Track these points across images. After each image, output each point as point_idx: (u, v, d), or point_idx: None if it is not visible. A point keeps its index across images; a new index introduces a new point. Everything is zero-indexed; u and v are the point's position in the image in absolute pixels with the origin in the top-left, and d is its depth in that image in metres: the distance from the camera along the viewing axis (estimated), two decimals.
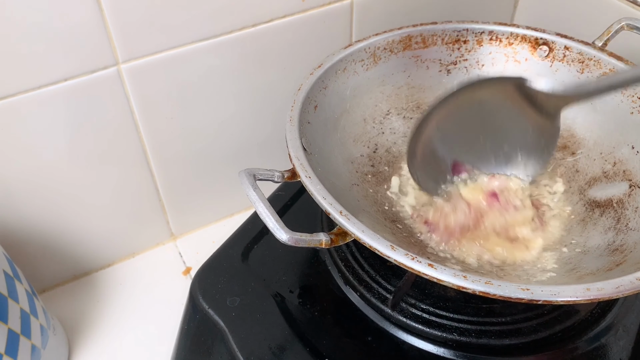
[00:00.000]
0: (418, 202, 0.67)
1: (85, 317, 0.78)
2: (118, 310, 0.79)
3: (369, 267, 0.64)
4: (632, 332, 0.60)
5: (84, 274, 0.83)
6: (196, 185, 0.83)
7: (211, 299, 0.65)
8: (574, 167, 0.68)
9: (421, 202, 0.67)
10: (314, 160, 0.60)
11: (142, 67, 0.68)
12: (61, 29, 0.61)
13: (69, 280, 0.82)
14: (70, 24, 0.61)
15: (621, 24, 0.67)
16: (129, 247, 0.84)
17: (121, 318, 0.78)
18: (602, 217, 0.63)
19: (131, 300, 0.80)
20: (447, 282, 0.46)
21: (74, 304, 0.79)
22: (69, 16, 0.60)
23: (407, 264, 0.47)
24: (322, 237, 0.52)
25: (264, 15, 0.71)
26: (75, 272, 0.82)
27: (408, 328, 0.60)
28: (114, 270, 0.84)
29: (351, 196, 0.64)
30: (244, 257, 0.69)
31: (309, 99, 0.64)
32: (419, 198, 0.67)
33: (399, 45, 0.71)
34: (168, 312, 0.77)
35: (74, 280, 0.82)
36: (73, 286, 0.82)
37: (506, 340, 0.58)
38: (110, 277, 0.83)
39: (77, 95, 0.66)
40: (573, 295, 0.45)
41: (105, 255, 0.83)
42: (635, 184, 0.62)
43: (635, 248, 0.55)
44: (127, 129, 0.72)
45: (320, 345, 0.60)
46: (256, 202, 0.52)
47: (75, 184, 0.73)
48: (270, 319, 0.63)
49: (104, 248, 0.82)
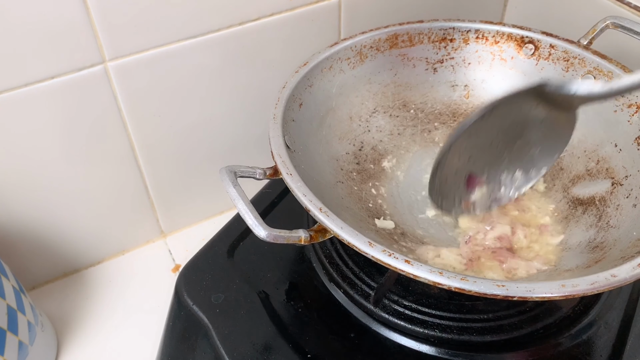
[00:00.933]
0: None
1: (74, 313, 0.77)
2: (107, 307, 0.78)
3: (353, 264, 0.64)
4: (614, 329, 0.60)
5: (73, 271, 0.82)
6: (186, 183, 0.82)
7: (196, 296, 0.64)
8: (558, 165, 0.68)
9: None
10: (297, 158, 0.60)
11: (129, 65, 0.67)
12: (47, 27, 0.60)
13: (59, 277, 0.81)
14: (56, 22, 0.60)
15: (606, 23, 0.67)
16: (119, 244, 0.84)
17: (110, 315, 0.78)
18: (584, 214, 0.62)
19: (120, 297, 0.80)
20: (424, 278, 0.46)
21: (64, 301, 0.79)
22: (54, 14, 0.60)
23: (384, 260, 0.47)
24: (302, 234, 0.52)
25: (251, 13, 0.71)
26: (65, 269, 0.81)
27: (390, 324, 0.60)
28: (103, 267, 0.83)
29: (335, 193, 0.63)
30: (230, 255, 0.68)
31: (294, 96, 0.64)
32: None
33: (385, 43, 0.71)
34: (157, 309, 0.76)
35: (64, 277, 0.82)
36: (63, 283, 0.81)
37: (487, 337, 0.58)
38: (100, 274, 0.82)
39: (64, 93, 0.65)
40: (548, 291, 0.45)
41: (95, 253, 0.83)
42: (618, 181, 0.61)
43: (614, 245, 0.54)
44: (115, 127, 0.71)
45: (303, 341, 0.60)
46: (235, 199, 0.52)
47: (64, 181, 0.72)
48: (254, 315, 0.62)
49: (94, 245, 0.82)
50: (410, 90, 0.74)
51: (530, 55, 0.70)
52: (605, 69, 0.65)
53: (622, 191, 0.60)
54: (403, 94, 0.73)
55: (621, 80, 0.47)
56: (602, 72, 0.65)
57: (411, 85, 0.74)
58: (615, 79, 0.50)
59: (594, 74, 0.66)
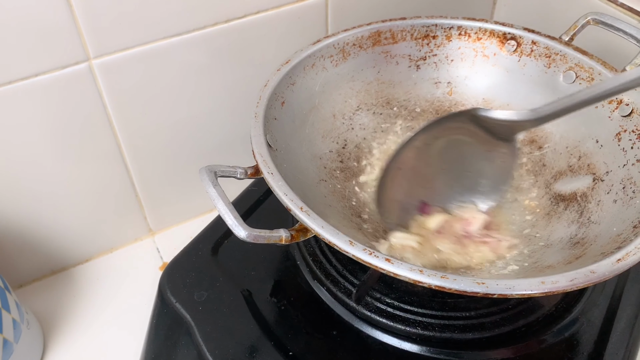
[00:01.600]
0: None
1: (62, 311, 0.77)
2: (95, 305, 0.78)
3: (337, 262, 0.63)
4: (596, 327, 0.59)
5: (62, 269, 0.82)
6: (173, 181, 0.82)
7: (179, 293, 0.64)
8: (540, 161, 0.67)
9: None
10: (280, 157, 0.59)
11: (114, 63, 0.67)
12: (30, 24, 0.59)
13: (47, 275, 0.81)
14: (39, 19, 0.60)
15: (587, 19, 0.66)
16: (107, 242, 0.83)
17: (98, 312, 0.77)
18: (566, 210, 0.62)
19: (108, 295, 0.79)
20: (404, 276, 0.45)
21: (52, 299, 0.78)
22: (37, 12, 0.59)
23: (364, 258, 0.47)
24: (283, 234, 0.51)
25: (236, 11, 0.70)
26: (53, 267, 0.81)
27: (372, 322, 0.59)
28: (92, 265, 0.83)
29: (318, 192, 0.63)
30: (214, 253, 0.68)
31: (276, 95, 0.63)
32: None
33: (368, 41, 0.70)
34: (144, 306, 0.75)
35: (52, 275, 0.81)
36: (51, 281, 0.80)
37: (469, 335, 0.57)
38: (88, 272, 0.82)
39: (49, 90, 0.65)
40: (527, 288, 0.45)
41: (83, 251, 0.82)
42: (599, 177, 0.61)
43: (595, 241, 0.54)
44: (101, 125, 0.71)
45: (285, 339, 0.59)
46: (215, 199, 0.51)
47: (51, 179, 0.72)
48: (237, 313, 0.62)
49: (82, 243, 0.81)
50: (393, 88, 0.73)
51: (513, 51, 0.69)
52: (587, 65, 0.64)
53: (603, 187, 0.60)
54: (386, 91, 0.73)
55: (542, 109, 0.53)
56: (582, 69, 0.64)
57: (394, 82, 0.73)
58: (536, 109, 0.54)
59: (575, 70, 0.65)
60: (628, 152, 0.59)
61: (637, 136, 0.59)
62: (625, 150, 0.60)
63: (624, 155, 0.59)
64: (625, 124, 0.60)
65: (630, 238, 0.49)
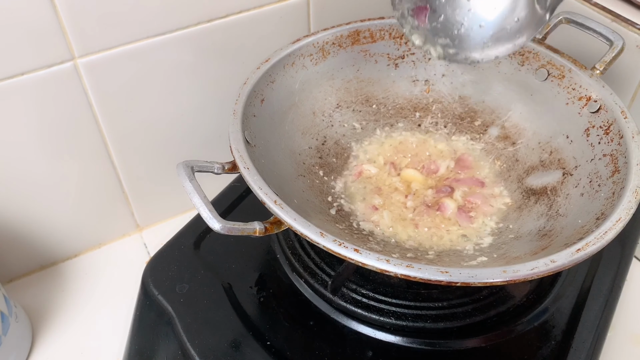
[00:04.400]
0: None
1: (51, 305, 0.78)
2: (83, 300, 0.79)
3: (315, 255, 0.64)
4: (565, 317, 0.60)
5: (50, 264, 0.82)
6: (160, 177, 0.82)
7: (161, 286, 0.64)
8: (514, 157, 0.68)
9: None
10: (258, 152, 0.60)
11: (99, 62, 0.67)
12: (14, 23, 0.60)
13: (36, 270, 0.82)
14: (23, 18, 0.60)
15: (559, 18, 0.67)
16: (95, 237, 0.84)
17: (86, 307, 0.78)
18: (536, 204, 0.62)
19: (96, 289, 0.80)
20: (372, 266, 0.47)
21: (41, 293, 0.79)
22: (21, 11, 0.60)
23: (334, 249, 0.48)
24: (257, 226, 0.52)
25: (219, 10, 0.71)
26: (42, 262, 0.82)
27: (348, 312, 0.60)
28: (80, 260, 0.83)
29: (296, 187, 0.64)
30: (196, 246, 0.68)
31: (255, 92, 0.64)
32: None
33: (347, 39, 0.71)
34: (131, 301, 0.76)
35: (40, 270, 0.82)
36: (40, 276, 0.81)
37: (441, 324, 0.58)
38: (76, 267, 0.82)
39: (35, 89, 0.65)
40: (490, 277, 0.46)
41: (71, 246, 0.83)
42: (568, 171, 0.62)
43: (561, 233, 0.55)
44: (87, 122, 0.71)
45: (264, 329, 0.60)
46: (191, 192, 0.52)
47: (39, 175, 0.72)
48: (217, 305, 0.62)
49: (71, 238, 0.82)
50: (372, 86, 0.74)
51: None
52: (558, 63, 0.65)
53: (571, 181, 0.61)
54: (366, 89, 0.74)
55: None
56: (554, 66, 0.65)
57: (373, 80, 0.74)
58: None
59: (547, 67, 0.66)
60: (595, 147, 0.60)
61: (604, 131, 0.60)
62: (593, 145, 0.61)
63: (592, 150, 0.60)
64: (594, 120, 0.61)
65: (592, 229, 0.50)
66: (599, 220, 0.52)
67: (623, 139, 0.57)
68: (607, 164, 0.58)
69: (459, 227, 0.63)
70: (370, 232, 0.62)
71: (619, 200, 0.52)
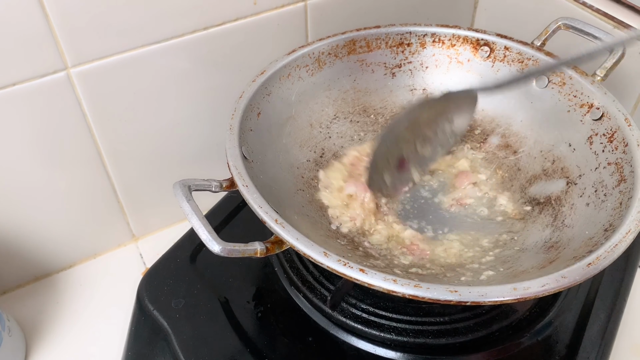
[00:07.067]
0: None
1: (45, 318, 0.74)
2: (78, 311, 0.75)
3: (314, 268, 0.61)
4: (569, 331, 0.57)
5: (45, 275, 0.79)
6: (155, 187, 0.79)
7: (156, 301, 0.61)
8: (515, 166, 0.65)
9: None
10: (256, 168, 0.57)
11: (92, 71, 0.64)
12: (6, 32, 0.57)
13: (30, 281, 0.78)
14: (15, 28, 0.57)
15: (558, 24, 0.64)
16: (90, 248, 0.80)
17: (80, 319, 0.74)
18: (541, 214, 0.59)
19: (91, 301, 0.76)
20: (378, 286, 0.44)
21: (35, 305, 0.75)
22: (13, 21, 0.57)
23: (339, 269, 0.45)
24: (257, 247, 0.49)
25: (215, 18, 0.67)
26: (36, 274, 0.78)
27: (347, 328, 0.57)
28: (75, 271, 0.80)
29: (295, 202, 0.61)
30: (192, 260, 0.65)
31: (252, 106, 0.61)
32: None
33: (343, 49, 0.68)
34: (127, 312, 0.72)
35: (35, 281, 0.78)
36: (34, 287, 0.77)
37: (443, 340, 0.55)
38: (71, 278, 0.79)
39: (29, 99, 0.62)
40: (500, 295, 0.43)
41: (66, 257, 0.79)
42: (572, 180, 0.59)
43: (568, 245, 0.52)
44: (81, 132, 0.68)
45: (262, 346, 0.57)
46: (189, 214, 0.49)
47: (33, 185, 0.69)
48: (214, 320, 0.59)
49: (66, 249, 0.78)
50: (369, 96, 0.71)
51: (486, 57, 0.67)
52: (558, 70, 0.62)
53: (576, 190, 0.58)
54: (363, 99, 0.71)
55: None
56: (555, 73, 0.63)
57: (370, 90, 0.71)
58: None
59: (547, 74, 0.63)
60: (599, 155, 0.57)
61: (607, 139, 0.57)
62: (597, 153, 0.57)
63: (596, 159, 0.57)
64: (597, 128, 0.58)
65: (601, 241, 0.47)
66: (608, 232, 0.49)
67: (628, 147, 0.55)
68: (613, 173, 0.55)
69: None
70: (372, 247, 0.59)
71: (627, 211, 0.49)
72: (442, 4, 0.85)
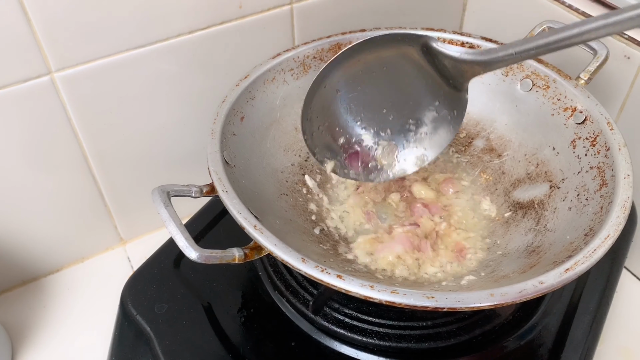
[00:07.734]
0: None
1: (32, 322, 0.73)
2: (65, 315, 0.74)
3: (297, 273, 0.60)
4: (552, 334, 0.56)
5: (32, 279, 0.78)
6: (142, 191, 0.78)
7: (140, 306, 0.61)
8: (500, 169, 0.64)
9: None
10: (238, 173, 0.56)
11: (76, 76, 0.63)
12: None
13: (18, 285, 0.77)
14: None
15: (543, 27, 0.64)
16: (77, 251, 0.80)
17: (68, 323, 0.73)
18: (524, 218, 0.59)
19: (78, 305, 0.75)
20: (355, 292, 0.43)
21: (21, 310, 0.75)
22: None
23: (316, 276, 0.44)
24: (236, 253, 0.49)
25: (200, 22, 0.67)
26: (23, 278, 0.77)
27: (330, 333, 0.56)
28: (62, 275, 0.79)
29: (279, 206, 0.60)
30: (176, 265, 0.64)
31: (235, 110, 0.60)
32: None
33: (328, 53, 0.67)
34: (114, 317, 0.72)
35: (22, 285, 0.77)
36: (21, 292, 0.77)
37: (425, 345, 0.54)
38: (58, 282, 0.78)
39: (13, 103, 0.62)
40: (477, 301, 0.42)
41: (54, 260, 0.78)
42: (555, 184, 0.58)
43: (549, 249, 0.51)
44: (66, 136, 0.67)
45: (244, 350, 0.56)
46: (166, 220, 0.49)
47: (19, 189, 0.69)
48: (197, 325, 0.59)
49: (53, 253, 0.78)
50: None
51: None
52: (542, 73, 0.62)
53: (559, 194, 0.57)
54: None
55: (500, 48, 0.48)
56: (539, 77, 0.62)
57: None
58: (488, 51, 0.49)
59: (531, 78, 0.63)
60: (582, 160, 0.56)
61: (590, 143, 0.56)
62: (580, 157, 0.57)
63: (579, 163, 0.57)
64: (580, 132, 0.58)
65: (581, 246, 0.47)
66: (588, 236, 0.48)
67: (610, 151, 0.54)
68: (595, 177, 0.54)
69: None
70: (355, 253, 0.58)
71: (607, 215, 0.49)
72: (430, 7, 0.84)
